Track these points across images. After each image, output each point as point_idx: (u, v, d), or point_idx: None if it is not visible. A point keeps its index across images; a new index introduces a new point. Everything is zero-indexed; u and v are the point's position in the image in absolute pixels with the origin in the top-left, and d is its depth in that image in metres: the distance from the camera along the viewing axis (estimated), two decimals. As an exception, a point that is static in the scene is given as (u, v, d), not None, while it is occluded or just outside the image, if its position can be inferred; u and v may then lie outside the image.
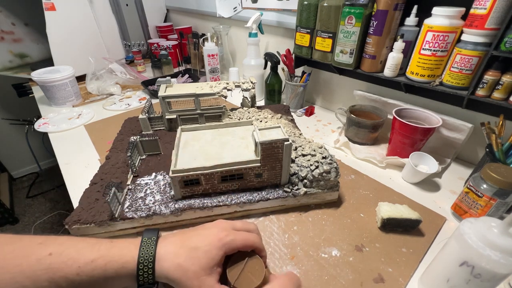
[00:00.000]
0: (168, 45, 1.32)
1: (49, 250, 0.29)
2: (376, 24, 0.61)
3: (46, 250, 0.29)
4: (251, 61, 0.93)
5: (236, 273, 0.33)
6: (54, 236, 0.31)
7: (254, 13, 0.93)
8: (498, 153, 0.50)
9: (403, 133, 0.60)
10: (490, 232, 0.30)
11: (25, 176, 2.00)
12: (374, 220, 0.50)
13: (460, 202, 0.49)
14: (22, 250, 0.29)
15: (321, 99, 0.96)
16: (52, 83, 0.93)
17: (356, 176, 0.61)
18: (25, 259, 0.28)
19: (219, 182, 0.49)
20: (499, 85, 0.51)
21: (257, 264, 0.34)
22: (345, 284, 0.39)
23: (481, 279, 0.30)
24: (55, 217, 1.66)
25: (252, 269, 0.33)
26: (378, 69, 0.67)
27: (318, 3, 0.70)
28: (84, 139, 0.78)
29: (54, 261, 0.28)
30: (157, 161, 0.59)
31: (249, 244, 0.34)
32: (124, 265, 0.30)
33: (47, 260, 0.28)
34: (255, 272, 0.33)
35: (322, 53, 0.75)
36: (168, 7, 1.56)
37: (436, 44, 0.54)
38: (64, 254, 0.29)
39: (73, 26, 1.12)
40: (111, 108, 0.96)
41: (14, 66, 1.39)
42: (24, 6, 1.36)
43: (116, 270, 0.30)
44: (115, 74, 1.12)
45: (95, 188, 0.52)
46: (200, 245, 0.32)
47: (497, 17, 0.47)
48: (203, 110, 0.69)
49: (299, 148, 0.55)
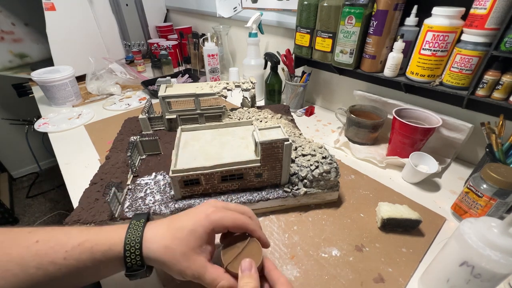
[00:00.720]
0: (168, 45, 1.32)
1: (37, 237, 0.29)
2: (376, 24, 0.61)
3: (34, 237, 0.29)
4: (251, 61, 0.93)
5: (231, 256, 0.31)
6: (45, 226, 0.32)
7: (254, 13, 0.93)
8: (498, 153, 0.50)
9: (403, 133, 0.60)
10: (490, 232, 0.30)
11: (25, 176, 2.00)
12: (374, 220, 0.50)
13: (460, 202, 0.49)
14: (12, 240, 0.29)
15: (321, 99, 0.96)
16: (52, 83, 0.93)
17: (356, 176, 0.61)
18: (14, 248, 0.28)
19: (219, 182, 0.49)
20: (499, 85, 0.51)
21: (255, 249, 0.32)
22: (345, 284, 0.39)
23: (481, 279, 0.30)
24: (55, 217, 1.66)
25: (249, 253, 0.32)
26: (378, 69, 0.67)
27: (318, 3, 0.70)
28: (84, 139, 0.78)
29: (42, 248, 0.28)
30: (157, 161, 0.59)
31: (239, 224, 0.33)
32: (111, 247, 0.30)
33: (35, 246, 0.28)
34: (252, 257, 0.31)
35: (322, 53, 0.75)
36: (168, 7, 1.56)
37: (436, 44, 0.54)
38: (52, 240, 0.29)
39: (73, 26, 1.12)
40: (111, 108, 0.96)
41: (14, 66, 1.39)
42: (24, 6, 1.36)
43: (104, 253, 0.29)
44: (115, 74, 1.12)
45: (95, 188, 0.52)
46: (186, 224, 0.32)
47: (497, 17, 0.47)
48: (203, 110, 0.69)
49: (299, 148, 0.55)
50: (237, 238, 0.34)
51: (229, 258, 0.31)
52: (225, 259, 0.32)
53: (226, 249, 0.33)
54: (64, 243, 0.29)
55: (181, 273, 0.30)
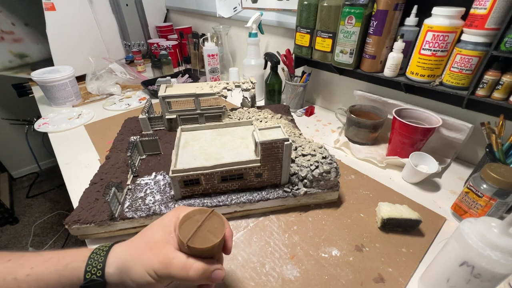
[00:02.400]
0: (168, 45, 1.32)
1: (10, 257, 0.28)
2: (376, 24, 0.61)
3: (7, 258, 0.28)
4: (251, 61, 0.93)
5: (190, 231, 0.27)
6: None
7: (254, 13, 0.93)
8: (498, 153, 0.50)
9: (403, 133, 0.60)
10: (490, 232, 0.30)
11: (25, 176, 2.00)
12: (374, 220, 0.50)
13: (460, 202, 0.49)
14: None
15: (321, 99, 0.96)
16: (52, 83, 0.93)
17: (356, 176, 0.61)
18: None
19: (219, 182, 0.49)
20: (499, 85, 0.51)
21: (217, 222, 0.29)
22: (345, 284, 0.39)
23: (481, 279, 0.30)
24: (55, 217, 1.66)
25: (210, 227, 0.28)
26: (378, 69, 0.67)
27: (318, 3, 0.70)
28: (84, 139, 0.78)
29: (10, 265, 0.28)
30: (157, 161, 0.59)
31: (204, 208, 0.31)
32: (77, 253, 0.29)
33: (4, 264, 0.28)
34: (214, 230, 0.28)
35: (322, 53, 0.75)
36: (168, 7, 1.56)
37: (436, 44, 0.54)
38: (24, 258, 0.28)
39: (73, 26, 1.12)
40: (111, 108, 0.96)
41: (14, 66, 1.39)
42: (24, 6, 1.36)
43: (66, 265, 0.28)
44: (115, 74, 1.12)
45: (95, 188, 0.52)
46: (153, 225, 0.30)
47: (497, 17, 0.47)
48: (203, 110, 0.69)
49: (299, 148, 0.55)
50: (195, 211, 0.30)
51: (188, 234, 0.27)
52: (183, 235, 0.27)
53: (182, 225, 0.28)
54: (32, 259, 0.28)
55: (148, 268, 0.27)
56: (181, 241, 0.27)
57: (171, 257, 0.27)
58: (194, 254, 0.28)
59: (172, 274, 0.27)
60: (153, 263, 0.27)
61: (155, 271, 0.27)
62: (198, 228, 0.28)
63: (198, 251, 0.27)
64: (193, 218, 0.29)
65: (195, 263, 0.27)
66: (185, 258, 0.27)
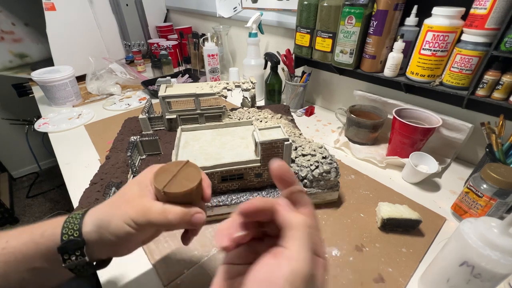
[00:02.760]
0: (168, 45, 1.32)
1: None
2: (376, 24, 0.61)
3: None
4: (251, 61, 0.93)
5: (166, 180, 0.27)
6: None
7: (254, 13, 0.93)
8: (498, 153, 0.50)
9: (403, 133, 0.60)
10: (490, 232, 0.30)
11: (25, 176, 2.00)
12: (374, 220, 0.50)
13: (460, 202, 0.49)
14: None
15: (321, 99, 0.96)
16: (52, 83, 0.93)
17: (356, 176, 0.61)
18: None
19: (219, 182, 0.49)
20: (499, 85, 0.51)
21: (192, 171, 0.29)
22: (345, 284, 0.39)
23: (481, 279, 0.30)
24: (55, 217, 1.65)
25: (186, 175, 0.28)
26: (378, 69, 0.67)
27: (318, 3, 0.70)
28: (84, 139, 0.78)
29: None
30: (157, 161, 0.59)
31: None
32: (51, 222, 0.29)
33: None
34: (191, 177, 0.28)
35: (322, 53, 0.75)
36: (168, 7, 1.56)
37: (436, 44, 0.54)
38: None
39: (73, 26, 1.12)
40: (111, 108, 0.96)
41: (14, 66, 1.39)
42: (24, 6, 1.36)
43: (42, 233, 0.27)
44: (115, 74, 1.12)
45: (95, 188, 0.52)
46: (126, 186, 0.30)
47: (497, 17, 0.47)
48: (203, 110, 0.69)
49: (299, 148, 0.55)
50: (170, 164, 0.29)
51: (164, 181, 0.27)
52: (159, 182, 0.27)
53: (158, 174, 0.28)
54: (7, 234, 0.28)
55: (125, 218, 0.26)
56: (157, 189, 0.27)
57: (149, 206, 0.27)
58: (171, 201, 0.27)
59: (152, 220, 0.26)
60: (131, 213, 0.26)
61: (133, 221, 0.26)
62: (174, 176, 0.27)
63: (175, 197, 0.27)
64: (169, 170, 0.28)
65: (173, 207, 0.27)
66: (162, 205, 0.27)
